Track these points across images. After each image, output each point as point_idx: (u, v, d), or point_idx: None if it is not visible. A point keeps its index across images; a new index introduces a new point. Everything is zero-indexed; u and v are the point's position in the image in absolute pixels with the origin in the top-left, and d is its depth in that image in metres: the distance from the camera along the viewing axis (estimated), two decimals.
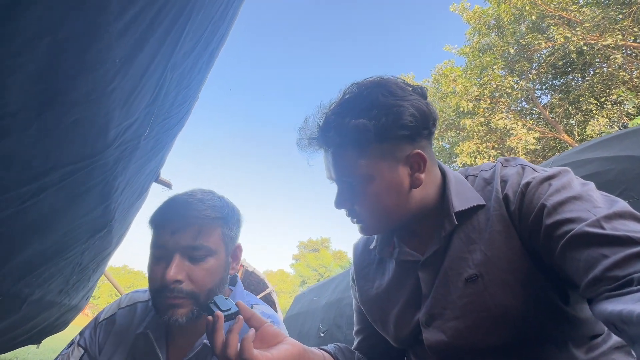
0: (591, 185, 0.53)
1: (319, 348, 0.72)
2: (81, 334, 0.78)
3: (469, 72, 11.08)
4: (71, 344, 0.78)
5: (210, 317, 0.56)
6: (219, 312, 0.55)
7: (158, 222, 0.71)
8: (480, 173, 0.64)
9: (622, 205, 0.47)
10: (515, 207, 0.55)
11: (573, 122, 10.49)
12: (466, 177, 0.66)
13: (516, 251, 0.54)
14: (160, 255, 0.69)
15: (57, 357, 0.75)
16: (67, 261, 1.95)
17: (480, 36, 11.41)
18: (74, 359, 0.74)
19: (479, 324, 0.55)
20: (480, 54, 11.07)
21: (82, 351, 0.75)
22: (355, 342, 0.82)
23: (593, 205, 0.47)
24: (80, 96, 0.91)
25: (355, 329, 0.83)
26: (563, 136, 10.01)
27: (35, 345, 4.57)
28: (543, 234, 0.50)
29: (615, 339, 0.59)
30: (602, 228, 0.43)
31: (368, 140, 0.59)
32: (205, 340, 0.72)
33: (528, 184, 0.55)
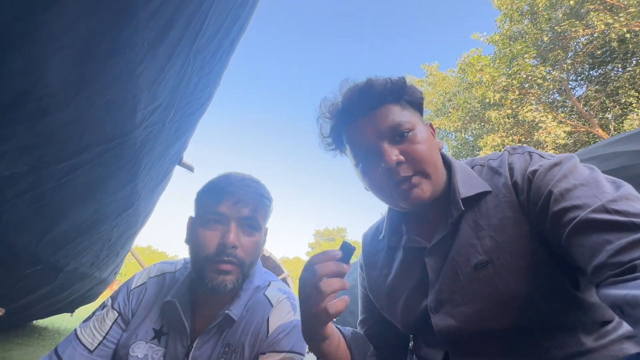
0: (597, 170, 0.53)
1: (336, 327, 0.72)
2: (113, 298, 0.84)
3: (497, 61, 10.51)
4: (103, 306, 0.83)
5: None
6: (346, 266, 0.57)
7: (220, 192, 0.76)
8: (489, 162, 0.65)
9: (628, 188, 0.47)
10: (523, 195, 0.56)
11: (609, 115, 9.79)
12: (472, 167, 0.67)
13: (526, 237, 0.54)
14: (216, 223, 0.74)
15: (91, 316, 0.82)
16: (98, 236, 2.10)
17: (512, 23, 10.75)
18: (109, 320, 0.80)
19: (489, 309, 0.55)
20: (511, 42, 10.47)
21: (117, 314, 0.81)
22: (361, 332, 0.81)
23: (600, 191, 0.47)
24: (111, 78, 0.98)
25: (360, 317, 0.83)
26: (597, 130, 9.38)
27: (69, 314, 4.97)
28: (550, 221, 0.50)
29: (626, 327, 0.58)
30: (607, 213, 0.43)
31: (404, 99, 0.65)
32: (227, 311, 0.76)
33: (535, 171, 0.56)
